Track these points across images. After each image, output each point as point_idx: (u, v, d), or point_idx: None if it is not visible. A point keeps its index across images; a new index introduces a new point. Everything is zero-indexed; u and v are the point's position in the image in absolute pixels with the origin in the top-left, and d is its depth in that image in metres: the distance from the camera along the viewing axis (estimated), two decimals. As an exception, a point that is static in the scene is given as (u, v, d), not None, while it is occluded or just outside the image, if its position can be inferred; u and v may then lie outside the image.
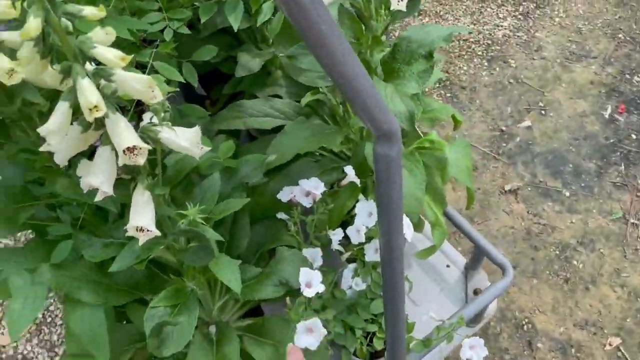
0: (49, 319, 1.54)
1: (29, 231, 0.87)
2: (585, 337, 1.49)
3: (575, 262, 1.62)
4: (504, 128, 1.92)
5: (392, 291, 0.72)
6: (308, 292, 0.78)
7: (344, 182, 0.94)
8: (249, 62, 0.96)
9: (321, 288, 0.80)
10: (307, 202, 0.90)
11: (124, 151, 0.55)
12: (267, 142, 0.91)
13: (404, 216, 0.91)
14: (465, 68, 2.09)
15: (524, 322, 1.52)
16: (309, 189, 0.89)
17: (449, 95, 2.02)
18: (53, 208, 0.81)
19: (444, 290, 1.17)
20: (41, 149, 0.54)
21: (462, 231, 1.08)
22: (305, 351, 0.77)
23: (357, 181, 0.93)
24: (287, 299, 0.79)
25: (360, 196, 0.94)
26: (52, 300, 1.57)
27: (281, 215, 0.92)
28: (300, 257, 0.81)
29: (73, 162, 0.66)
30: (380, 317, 1.02)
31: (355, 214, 0.93)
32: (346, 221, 0.94)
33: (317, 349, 0.78)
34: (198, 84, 1.25)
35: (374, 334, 1.00)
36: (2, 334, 1.51)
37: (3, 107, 0.60)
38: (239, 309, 0.91)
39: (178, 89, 1.03)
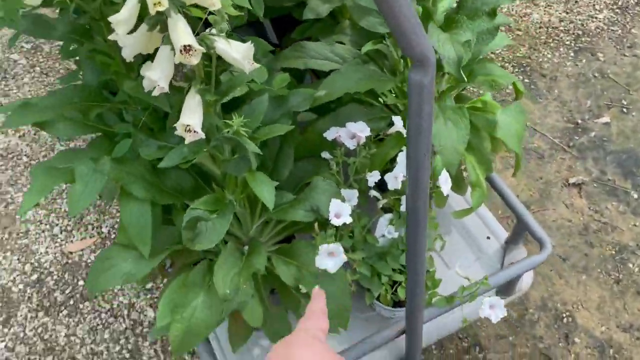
0: (112, 236, 1.68)
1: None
2: (628, 340, 1.44)
3: (630, 265, 1.55)
4: (579, 121, 1.86)
5: (415, 226, 0.75)
6: (336, 221, 0.82)
7: (391, 131, 0.97)
8: (318, 7, 1.00)
9: (349, 220, 0.84)
10: (351, 144, 0.94)
11: (180, 50, 0.61)
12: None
13: (443, 171, 0.92)
14: (549, 56, 2.03)
15: (564, 315, 1.49)
16: (354, 132, 0.93)
17: (527, 81, 1.97)
18: (120, 117, 0.89)
19: (480, 260, 1.17)
20: (109, 37, 0.61)
21: (505, 200, 1.07)
22: (325, 274, 0.81)
23: (404, 132, 0.96)
24: (316, 225, 0.83)
25: (404, 147, 0.97)
26: (118, 220, 1.71)
27: (325, 155, 0.96)
28: (333, 188, 0.85)
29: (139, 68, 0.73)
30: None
31: (396, 164, 0.96)
32: (387, 170, 0.97)
33: (336, 275, 0.83)
34: (272, 30, 1.31)
35: (400, 283, 1.03)
36: (72, 242, 1.67)
37: (86, 3, 0.68)
38: (275, 236, 0.96)
39: (249, 26, 1.09)
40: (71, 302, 1.56)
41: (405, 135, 0.95)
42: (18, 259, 1.64)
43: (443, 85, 1.01)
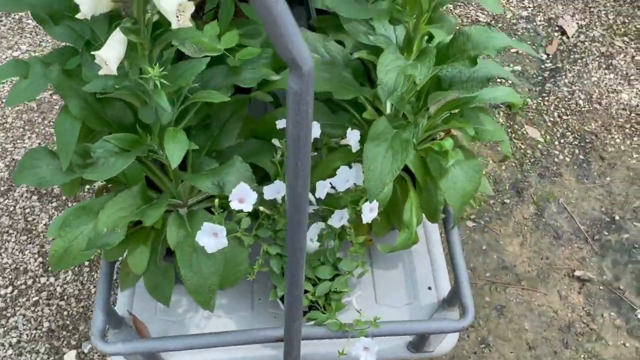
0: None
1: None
2: None
3: (597, 383, 1.42)
4: (617, 217, 1.70)
5: (293, 243, 0.73)
6: (234, 205, 0.82)
7: (344, 142, 0.94)
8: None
9: (249, 208, 0.82)
10: (297, 139, 0.92)
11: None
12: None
13: (370, 202, 0.88)
14: (617, 141, 1.86)
15: (503, 402, 1.39)
16: (304, 128, 0.91)
17: (581, 157, 1.82)
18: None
19: (410, 306, 1.12)
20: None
21: (451, 256, 1.01)
22: (203, 249, 0.81)
23: (356, 148, 0.93)
24: (216, 202, 0.83)
25: (352, 162, 0.94)
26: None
27: (275, 142, 0.95)
28: (248, 173, 0.84)
29: None
30: (321, 282, 1.02)
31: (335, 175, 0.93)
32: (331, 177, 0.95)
33: (213, 255, 0.82)
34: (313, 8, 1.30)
35: (306, 292, 1.01)
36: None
37: None
38: (202, 201, 0.97)
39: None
40: (63, 197, 1.67)
41: (354, 151, 0.92)
42: (40, 144, 1.78)
43: (420, 123, 0.96)
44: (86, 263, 1.55)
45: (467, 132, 0.89)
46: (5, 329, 1.44)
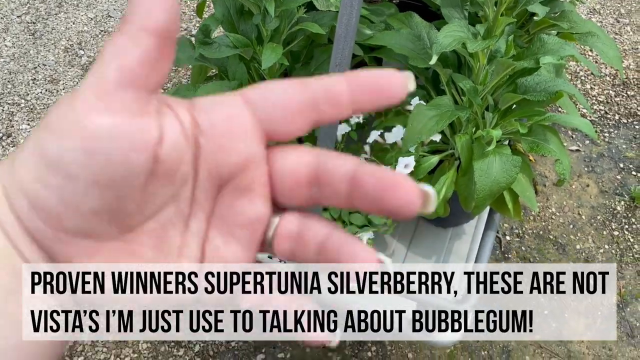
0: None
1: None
2: None
3: None
4: None
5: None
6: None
7: (409, 107, 1.07)
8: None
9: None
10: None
11: None
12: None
13: (407, 158, 1.00)
14: None
15: None
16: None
17: (694, 273, 1.67)
18: None
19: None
20: None
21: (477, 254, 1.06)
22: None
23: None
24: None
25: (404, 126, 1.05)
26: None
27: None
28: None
29: None
30: (349, 226, 1.14)
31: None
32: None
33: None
34: None
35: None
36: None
37: None
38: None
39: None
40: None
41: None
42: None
43: (487, 118, 1.05)
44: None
45: (518, 130, 0.96)
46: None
